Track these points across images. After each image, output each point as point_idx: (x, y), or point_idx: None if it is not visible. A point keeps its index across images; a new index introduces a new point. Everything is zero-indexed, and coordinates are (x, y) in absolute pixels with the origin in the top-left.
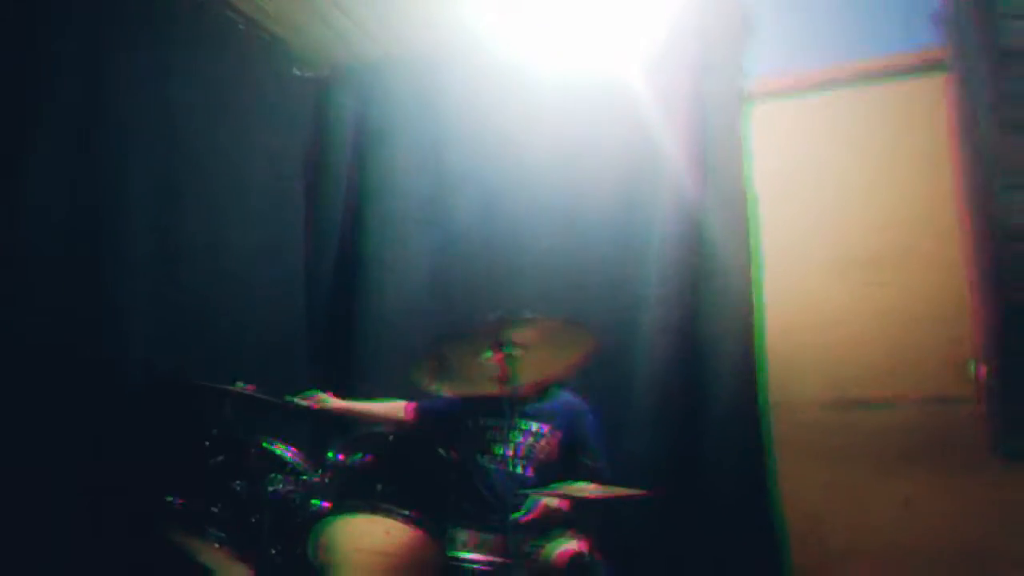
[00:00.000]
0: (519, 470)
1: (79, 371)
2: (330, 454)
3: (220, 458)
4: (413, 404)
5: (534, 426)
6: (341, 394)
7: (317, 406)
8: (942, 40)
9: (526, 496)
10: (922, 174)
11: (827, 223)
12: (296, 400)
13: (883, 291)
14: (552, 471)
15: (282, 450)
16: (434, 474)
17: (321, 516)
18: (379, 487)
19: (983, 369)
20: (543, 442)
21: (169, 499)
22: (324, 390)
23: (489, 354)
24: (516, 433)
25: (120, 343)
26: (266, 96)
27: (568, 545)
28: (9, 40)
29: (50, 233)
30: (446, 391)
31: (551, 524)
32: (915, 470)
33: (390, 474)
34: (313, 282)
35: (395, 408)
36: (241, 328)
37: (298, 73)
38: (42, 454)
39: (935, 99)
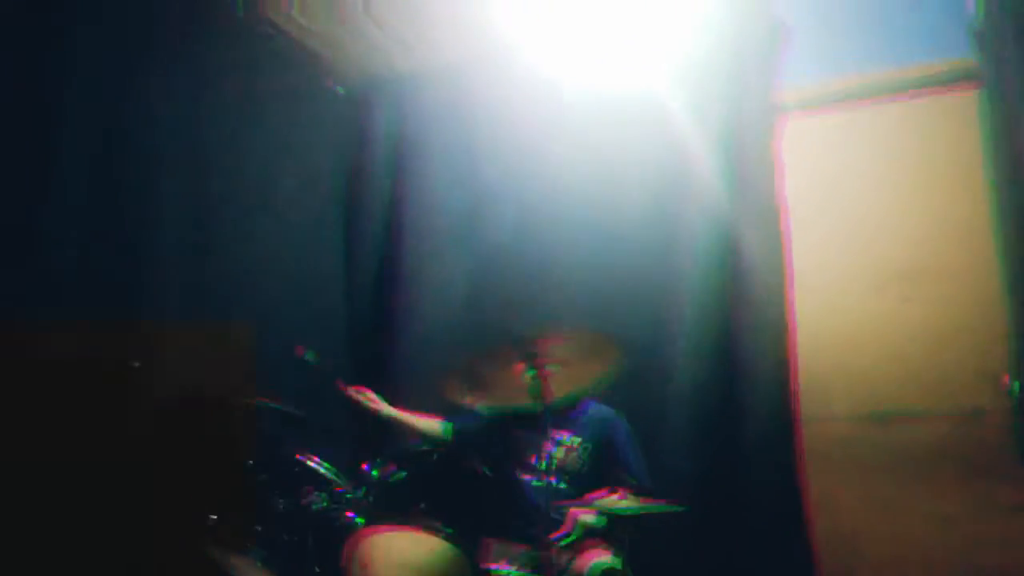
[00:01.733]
0: (554, 483)
1: (119, 389)
2: (374, 472)
3: (263, 476)
4: (451, 425)
5: (567, 438)
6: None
7: (360, 399)
8: (977, 51)
9: (562, 509)
10: (958, 187)
11: (863, 237)
12: (343, 387)
13: (917, 306)
14: (586, 482)
15: (324, 468)
16: (472, 490)
17: (361, 532)
18: (419, 504)
19: (1014, 382)
20: (575, 454)
21: (212, 517)
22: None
23: (525, 370)
24: (550, 445)
25: (157, 361)
26: (302, 110)
27: (602, 559)
28: (43, 49)
29: (83, 247)
30: (478, 406)
31: (585, 539)
32: (948, 483)
33: (430, 491)
34: (349, 297)
35: (434, 426)
36: (278, 344)
37: (336, 89)
38: (81, 471)
39: (970, 111)
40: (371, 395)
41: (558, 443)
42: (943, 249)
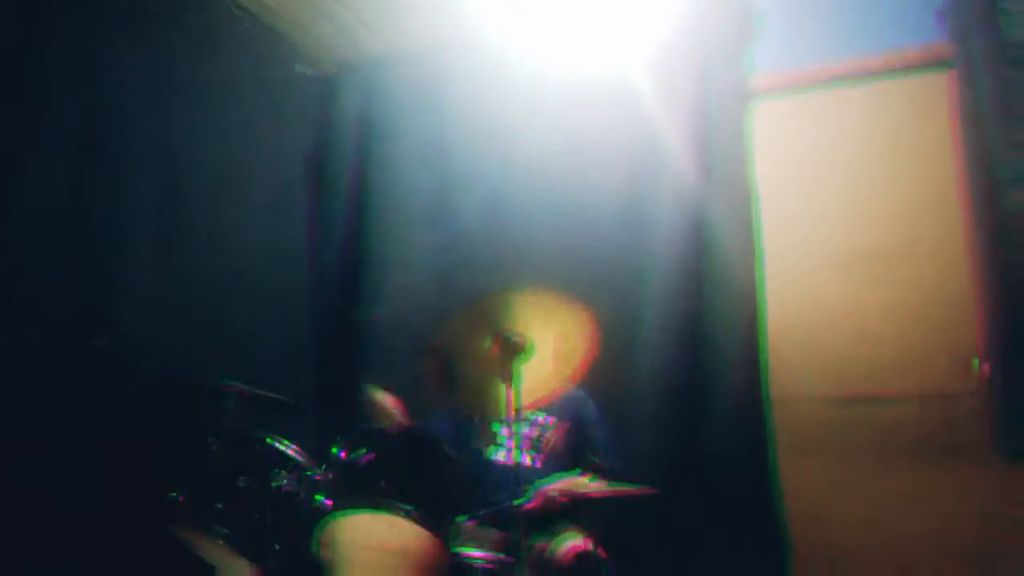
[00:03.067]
0: (525, 462)
1: (83, 369)
2: (334, 450)
3: (224, 454)
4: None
5: (540, 417)
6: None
7: None
8: (945, 34)
9: (533, 491)
10: (926, 170)
11: (830, 219)
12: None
13: (887, 288)
14: (558, 463)
15: (286, 446)
16: (438, 469)
17: (325, 512)
18: (383, 483)
19: (986, 365)
20: (549, 434)
21: (173, 495)
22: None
23: (495, 351)
24: (521, 424)
25: (122, 341)
26: (270, 93)
27: (574, 542)
28: (6, 38)
29: (51, 232)
30: (452, 399)
31: (552, 515)
32: (919, 466)
33: (394, 470)
34: (318, 280)
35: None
36: (245, 325)
37: (303, 71)
38: (46, 451)
39: (939, 95)
40: None
41: (531, 422)
42: (912, 231)
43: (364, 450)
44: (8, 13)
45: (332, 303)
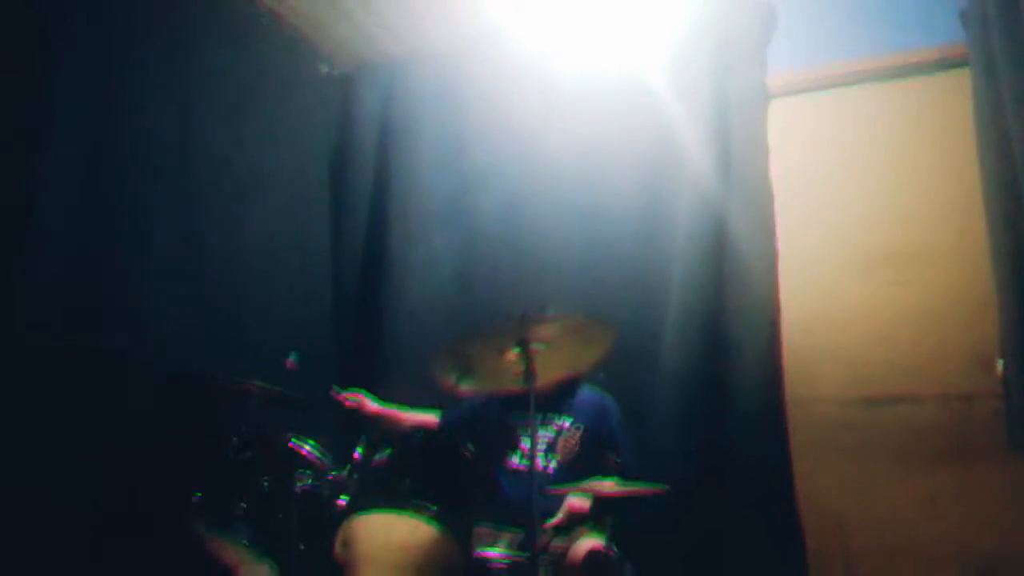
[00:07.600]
0: (543, 466)
1: (105, 368)
2: (357, 450)
3: (247, 454)
4: (443, 416)
5: (558, 422)
6: (369, 393)
7: (353, 404)
8: (966, 33)
9: (550, 493)
10: (946, 169)
11: (850, 221)
12: (337, 391)
13: (907, 289)
14: (576, 466)
15: (309, 447)
16: (459, 471)
17: (347, 512)
18: (405, 484)
19: (1004, 365)
20: (565, 438)
21: (196, 495)
22: (366, 390)
23: (513, 351)
24: (541, 429)
25: (144, 340)
26: (291, 94)
27: (587, 542)
28: (23, 38)
29: (72, 230)
30: (469, 390)
31: (575, 524)
32: (937, 466)
33: (416, 471)
34: (338, 280)
35: (429, 420)
36: (266, 325)
37: (324, 71)
38: (68, 450)
39: (958, 95)
40: (363, 399)
41: (550, 426)
42: (932, 232)
43: (387, 450)
44: (26, 14)
45: (353, 303)
